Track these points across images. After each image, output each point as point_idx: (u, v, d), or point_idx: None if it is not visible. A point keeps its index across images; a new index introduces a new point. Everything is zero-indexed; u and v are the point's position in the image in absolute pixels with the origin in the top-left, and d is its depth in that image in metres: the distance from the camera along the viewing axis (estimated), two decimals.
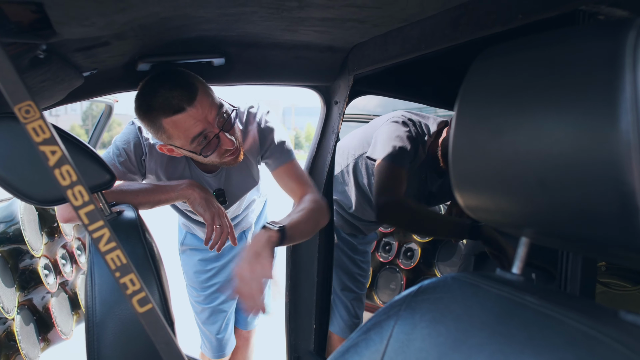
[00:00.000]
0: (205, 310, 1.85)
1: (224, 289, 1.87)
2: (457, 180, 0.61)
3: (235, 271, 1.07)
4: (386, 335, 0.67)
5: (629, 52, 0.40)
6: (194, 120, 1.19)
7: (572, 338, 0.48)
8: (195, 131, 1.21)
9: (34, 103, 0.66)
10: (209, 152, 1.26)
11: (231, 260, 1.87)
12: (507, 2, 0.85)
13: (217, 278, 1.87)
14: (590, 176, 0.43)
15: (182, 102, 1.17)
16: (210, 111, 1.21)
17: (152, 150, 1.39)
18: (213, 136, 1.23)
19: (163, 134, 1.23)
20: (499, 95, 0.52)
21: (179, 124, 1.19)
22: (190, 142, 1.23)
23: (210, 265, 1.85)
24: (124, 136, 1.39)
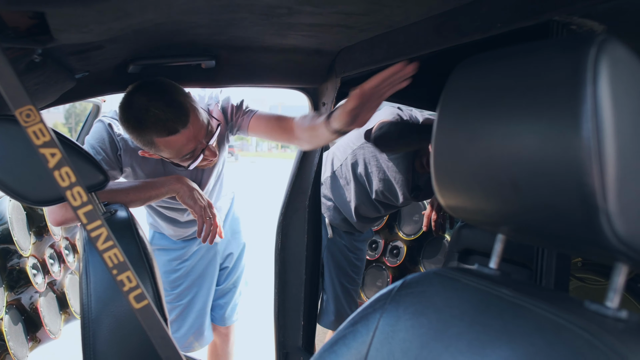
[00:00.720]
0: (176, 309, 1.87)
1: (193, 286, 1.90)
2: (437, 180, 0.65)
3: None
4: (372, 328, 0.71)
5: (590, 67, 0.45)
6: (186, 141, 1.25)
7: (541, 325, 0.52)
8: (188, 149, 1.27)
9: (34, 107, 0.69)
10: (194, 162, 1.32)
11: (201, 258, 1.90)
12: (487, 11, 0.89)
13: (187, 277, 1.89)
14: (556, 178, 0.48)
15: (177, 124, 1.22)
16: (200, 130, 1.27)
17: (126, 145, 1.41)
18: (200, 151, 1.29)
19: (152, 148, 1.27)
20: (475, 103, 0.57)
21: (172, 143, 1.24)
22: (179, 159, 1.29)
23: (180, 264, 1.87)
24: (97, 134, 1.40)
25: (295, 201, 1.69)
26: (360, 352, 0.70)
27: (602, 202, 0.45)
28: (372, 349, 0.70)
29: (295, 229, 1.70)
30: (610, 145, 0.44)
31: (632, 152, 0.45)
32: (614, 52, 0.46)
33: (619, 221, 0.45)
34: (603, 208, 0.45)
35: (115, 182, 1.38)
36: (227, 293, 2.04)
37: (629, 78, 0.46)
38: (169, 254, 1.87)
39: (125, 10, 0.71)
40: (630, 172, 0.45)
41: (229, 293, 2.05)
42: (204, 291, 1.93)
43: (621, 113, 0.45)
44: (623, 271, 0.52)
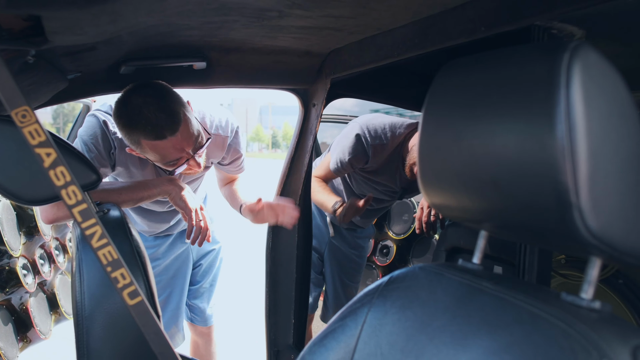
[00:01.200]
0: None
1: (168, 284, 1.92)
2: (423, 179, 0.68)
3: None
4: (360, 321, 0.73)
5: (563, 72, 0.48)
6: (172, 148, 1.26)
7: (520, 317, 0.55)
8: (172, 157, 1.29)
9: (30, 108, 0.71)
10: (177, 169, 1.34)
11: (175, 257, 1.91)
12: (472, 16, 0.92)
13: (161, 275, 1.89)
14: (533, 176, 0.51)
15: (165, 130, 1.23)
16: (188, 141, 1.28)
17: (122, 144, 1.41)
18: (185, 160, 1.31)
19: (138, 148, 1.29)
20: (458, 104, 0.59)
21: (158, 148, 1.26)
22: (163, 163, 1.32)
23: (154, 262, 1.87)
24: (89, 130, 1.41)
25: None
26: (348, 345, 0.73)
27: (575, 199, 0.47)
28: (360, 342, 0.72)
29: (286, 229, 1.72)
30: (582, 144, 0.47)
31: (603, 151, 0.48)
32: (587, 57, 0.49)
33: (591, 216, 0.48)
34: (576, 204, 0.47)
35: (108, 182, 1.39)
36: (205, 293, 2.04)
37: (600, 81, 0.49)
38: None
39: (119, 13, 0.73)
40: (601, 170, 0.48)
41: (206, 293, 2.05)
42: (177, 291, 1.93)
43: (593, 114, 0.48)
44: (597, 264, 0.55)
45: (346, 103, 3.38)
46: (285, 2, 0.88)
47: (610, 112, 0.49)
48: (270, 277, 1.80)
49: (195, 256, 1.99)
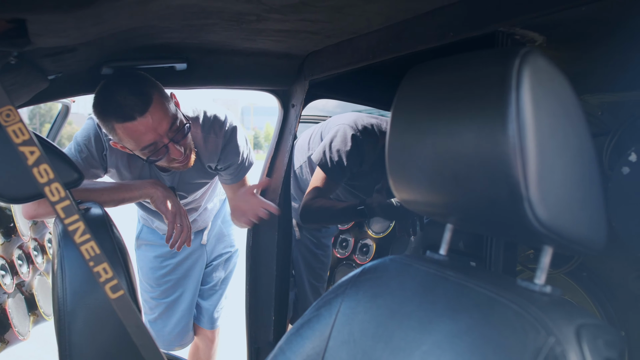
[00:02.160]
0: (160, 306, 1.89)
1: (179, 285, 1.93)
2: (392, 175, 0.72)
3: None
4: (334, 311, 0.77)
5: (514, 76, 0.52)
6: (144, 129, 1.24)
7: (479, 301, 0.59)
8: (145, 140, 1.26)
9: (13, 107, 0.73)
10: (156, 159, 1.32)
11: (187, 257, 1.92)
12: (441, 22, 0.97)
13: (173, 274, 1.91)
14: (488, 171, 0.55)
15: (134, 111, 1.22)
16: (161, 123, 1.26)
17: (113, 147, 1.42)
18: (162, 146, 1.29)
19: (115, 136, 1.29)
20: (423, 105, 0.64)
21: (129, 131, 1.24)
22: (140, 150, 1.29)
23: (167, 261, 1.89)
24: (84, 132, 1.43)
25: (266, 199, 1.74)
26: (323, 333, 0.77)
27: (525, 192, 0.52)
28: (334, 330, 0.76)
29: (266, 227, 1.75)
30: (531, 142, 0.52)
31: (550, 148, 0.53)
32: (535, 62, 0.53)
33: (540, 208, 0.53)
34: (526, 196, 0.52)
35: (91, 182, 1.40)
36: (214, 295, 2.04)
37: (547, 85, 0.54)
38: (156, 250, 1.88)
39: (102, 16, 0.75)
40: (548, 165, 0.53)
41: (215, 295, 2.05)
42: (190, 292, 1.94)
43: (541, 115, 0.52)
44: (549, 252, 0.60)
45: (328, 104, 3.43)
46: (263, 6, 0.91)
47: (556, 112, 0.54)
48: (251, 276, 1.82)
49: (209, 257, 1.99)
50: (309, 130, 2.13)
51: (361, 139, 1.81)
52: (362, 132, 1.82)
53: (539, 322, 0.53)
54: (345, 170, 1.83)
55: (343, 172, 1.84)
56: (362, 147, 1.82)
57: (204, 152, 1.53)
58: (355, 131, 1.82)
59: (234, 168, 1.61)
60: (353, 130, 1.82)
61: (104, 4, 0.70)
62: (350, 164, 1.82)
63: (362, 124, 1.85)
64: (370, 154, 1.86)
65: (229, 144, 1.56)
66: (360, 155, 1.82)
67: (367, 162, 1.87)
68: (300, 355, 0.77)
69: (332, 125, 1.93)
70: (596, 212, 0.57)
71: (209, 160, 1.57)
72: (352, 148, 1.80)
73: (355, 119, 1.87)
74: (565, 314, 0.54)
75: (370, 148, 1.85)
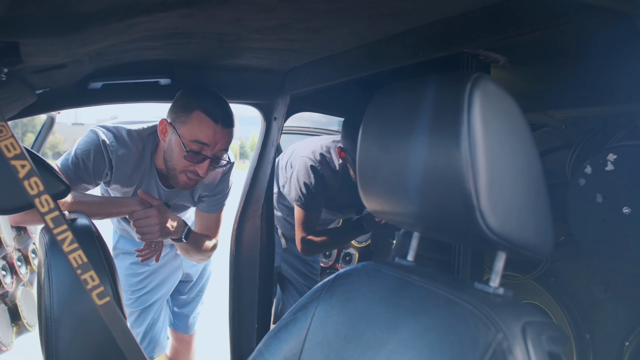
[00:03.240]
0: (133, 313, 1.91)
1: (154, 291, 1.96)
2: (362, 187, 0.78)
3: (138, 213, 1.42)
4: (310, 315, 0.82)
5: (465, 98, 0.58)
6: (212, 134, 1.35)
7: (438, 302, 0.65)
8: (202, 138, 1.36)
9: (6, 123, 0.77)
10: (189, 159, 1.38)
11: (163, 265, 1.95)
12: (413, 42, 1.04)
13: (148, 281, 1.94)
14: (445, 185, 0.61)
15: (221, 119, 1.36)
16: (222, 143, 1.39)
17: (119, 163, 1.45)
18: (204, 155, 1.38)
19: (184, 116, 1.37)
20: (387, 124, 0.70)
21: (202, 124, 1.35)
22: (191, 140, 1.36)
23: (142, 268, 1.92)
24: (85, 145, 1.43)
25: (249, 209, 1.78)
26: (299, 335, 0.82)
27: (477, 202, 0.58)
28: (309, 332, 0.81)
29: (249, 236, 1.79)
30: (482, 158, 0.58)
31: (499, 163, 0.59)
32: (485, 86, 0.60)
33: (490, 217, 0.59)
34: (477, 206, 0.58)
35: (80, 195, 1.42)
36: (191, 302, 2.10)
37: (496, 106, 0.60)
38: (132, 258, 1.90)
39: (90, 38, 0.80)
40: (497, 179, 0.59)
41: (193, 302, 2.11)
42: (163, 300, 1.98)
43: (490, 133, 0.58)
44: (502, 257, 0.66)
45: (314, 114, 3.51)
46: (244, 28, 0.97)
47: (504, 130, 0.60)
48: (234, 284, 1.86)
49: (185, 267, 2.03)
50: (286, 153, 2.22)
51: (319, 169, 1.97)
52: (320, 162, 1.98)
53: (489, 320, 0.59)
54: (318, 198, 2.00)
55: (318, 201, 2.01)
56: (322, 175, 1.98)
57: (202, 183, 1.61)
58: (314, 162, 1.98)
59: (216, 198, 1.69)
60: (312, 162, 1.98)
61: (92, 29, 0.75)
62: (319, 192, 1.98)
63: (319, 153, 2.00)
64: (331, 179, 2.00)
65: (223, 177, 1.66)
66: (322, 182, 1.98)
67: (332, 187, 2.01)
68: (278, 357, 0.82)
69: (296, 156, 2.07)
70: (543, 220, 0.63)
71: (202, 190, 1.65)
72: (315, 178, 1.96)
73: (313, 149, 2.02)
74: (514, 312, 0.60)
75: (331, 174, 2.00)
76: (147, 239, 1.45)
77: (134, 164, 1.49)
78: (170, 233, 1.47)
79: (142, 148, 1.49)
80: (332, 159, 2.00)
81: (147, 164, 1.52)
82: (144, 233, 1.43)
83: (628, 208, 1.05)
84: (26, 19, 0.65)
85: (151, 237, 1.44)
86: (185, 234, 1.52)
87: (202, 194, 1.66)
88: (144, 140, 1.49)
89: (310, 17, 0.93)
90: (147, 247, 1.51)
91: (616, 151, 1.08)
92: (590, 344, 1.37)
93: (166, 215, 1.45)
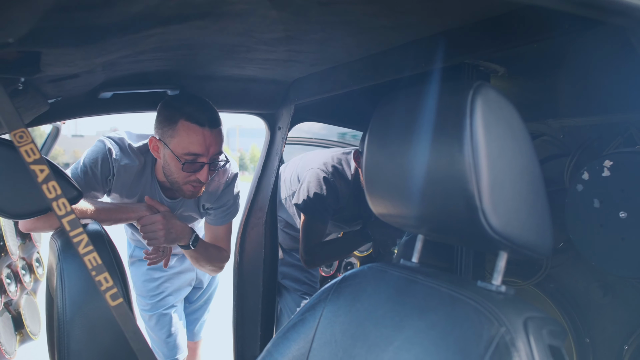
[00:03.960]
0: (152, 317, 1.95)
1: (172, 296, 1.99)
2: (369, 192, 0.81)
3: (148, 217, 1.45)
4: (318, 315, 0.85)
5: (468, 104, 0.62)
6: (202, 139, 1.36)
7: (443, 300, 0.68)
8: (195, 149, 1.36)
9: (26, 130, 0.80)
10: (188, 170, 1.40)
11: (179, 272, 1.99)
12: (415, 54, 1.08)
13: (165, 286, 1.97)
14: (448, 187, 0.64)
15: (207, 121, 1.36)
16: (215, 145, 1.39)
17: (120, 172, 1.49)
18: (200, 163, 1.39)
19: (170, 129, 1.37)
20: (392, 130, 0.73)
21: (190, 133, 1.35)
22: (183, 153, 1.37)
23: (159, 273, 1.96)
24: (92, 154, 1.48)
25: (253, 217, 1.81)
26: (308, 335, 0.84)
27: (479, 203, 0.61)
28: (317, 332, 0.83)
29: (253, 244, 1.82)
30: (484, 161, 0.61)
31: (500, 166, 0.62)
32: (486, 93, 0.63)
33: (492, 217, 0.62)
34: (480, 207, 0.61)
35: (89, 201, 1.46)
36: (199, 309, 2.14)
37: (497, 112, 0.63)
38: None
39: (107, 49, 0.84)
40: (499, 180, 0.62)
41: (200, 309, 2.15)
42: (179, 306, 2.02)
43: (491, 137, 0.62)
44: (504, 257, 0.69)
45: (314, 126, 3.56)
46: (253, 39, 1.00)
47: (505, 135, 0.64)
48: (238, 291, 1.88)
49: (199, 273, 2.07)
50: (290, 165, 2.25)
51: (332, 180, 1.98)
52: (332, 173, 1.99)
53: (492, 315, 0.61)
54: (328, 210, 1.99)
55: (326, 212, 2.00)
56: (335, 186, 1.98)
57: (206, 192, 1.62)
58: (327, 173, 1.98)
59: (222, 210, 1.70)
60: (324, 173, 1.98)
61: (110, 39, 0.79)
62: (330, 203, 1.98)
63: (331, 164, 2.01)
64: (344, 190, 2.01)
65: (227, 188, 1.67)
66: (335, 193, 1.98)
67: (343, 198, 2.03)
68: (287, 357, 0.84)
69: (305, 167, 2.08)
70: (542, 221, 0.66)
71: (206, 200, 1.66)
72: (327, 189, 1.97)
73: (324, 161, 2.03)
74: (516, 308, 0.62)
75: (343, 185, 2.01)
76: (154, 244, 1.47)
77: (135, 176, 1.53)
78: (176, 239, 1.49)
79: (144, 161, 1.53)
80: (344, 170, 2.01)
81: (148, 177, 1.56)
82: (150, 238, 1.46)
83: (624, 212, 1.08)
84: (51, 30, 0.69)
85: (157, 243, 1.47)
86: (192, 241, 1.54)
87: (206, 204, 1.68)
88: (144, 155, 1.53)
89: (317, 29, 0.97)
90: (154, 252, 1.53)
91: (612, 158, 1.12)
92: (590, 348, 1.40)
93: (172, 221, 1.48)
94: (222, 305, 2.56)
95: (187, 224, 1.55)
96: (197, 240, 1.56)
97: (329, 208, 1.99)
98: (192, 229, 1.55)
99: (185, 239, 1.51)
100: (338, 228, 2.25)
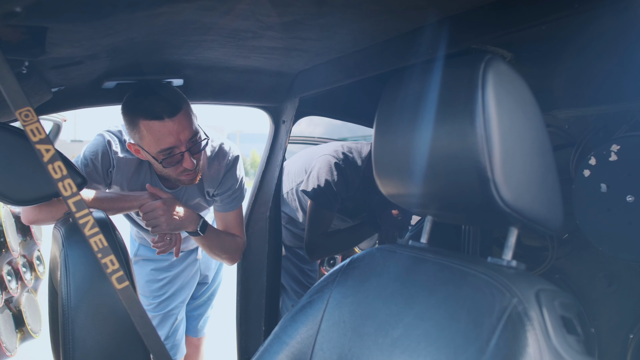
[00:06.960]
0: (155, 317, 1.94)
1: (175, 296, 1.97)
2: (378, 173, 0.80)
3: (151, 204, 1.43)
4: (326, 297, 0.84)
5: (480, 76, 0.62)
6: (168, 132, 1.32)
7: (453, 275, 0.67)
8: (166, 143, 1.34)
9: (32, 109, 0.80)
10: (169, 165, 1.39)
11: (183, 270, 1.98)
12: (420, 40, 1.07)
13: (169, 287, 1.96)
14: (460, 160, 0.64)
15: (164, 112, 1.31)
16: (184, 130, 1.34)
17: (120, 164, 1.50)
18: (178, 153, 1.36)
19: (136, 134, 1.36)
20: (402, 107, 0.73)
21: (154, 130, 1.32)
22: (157, 151, 1.35)
23: (163, 274, 1.95)
24: (92, 147, 1.50)
25: (257, 212, 1.81)
26: (316, 317, 0.83)
27: (491, 174, 0.61)
28: (326, 314, 0.83)
29: (257, 239, 1.81)
30: (496, 132, 0.61)
31: (511, 138, 0.62)
32: (497, 66, 0.63)
33: (504, 189, 0.61)
34: (491, 178, 0.61)
35: (92, 191, 1.46)
36: (202, 305, 2.14)
37: (508, 85, 0.63)
38: (153, 264, 1.94)
39: (115, 28, 0.84)
40: (510, 152, 0.62)
41: (204, 305, 2.14)
42: (184, 304, 2.02)
43: (502, 110, 0.61)
44: (514, 232, 0.68)
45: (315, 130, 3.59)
46: (260, 24, 1.00)
47: (516, 108, 0.63)
48: (242, 286, 1.87)
49: (203, 269, 2.07)
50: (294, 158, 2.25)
51: (343, 166, 1.97)
52: (343, 160, 1.98)
53: (505, 287, 0.61)
54: (337, 197, 1.97)
55: (335, 200, 1.97)
56: (346, 173, 1.97)
57: (207, 177, 1.62)
58: (338, 160, 1.98)
59: (228, 195, 1.67)
60: (335, 159, 1.98)
61: (118, 16, 0.78)
62: (340, 190, 1.96)
63: (342, 152, 2.01)
64: (354, 178, 2.01)
65: (229, 172, 1.65)
66: (345, 181, 1.97)
67: (353, 186, 2.02)
68: (295, 339, 0.84)
69: (315, 156, 2.07)
70: (553, 195, 0.66)
71: (209, 185, 1.65)
72: (338, 175, 1.95)
73: (335, 149, 2.03)
74: (527, 281, 0.62)
75: (354, 172, 2.00)
76: (156, 231, 1.46)
77: (134, 169, 1.53)
78: (180, 225, 1.47)
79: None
80: (355, 159, 2.01)
81: (147, 170, 1.56)
82: (152, 225, 1.45)
83: (631, 196, 1.08)
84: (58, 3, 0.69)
85: (160, 229, 1.45)
86: (200, 226, 1.52)
87: (210, 190, 1.67)
88: None
89: (324, 13, 0.97)
90: (160, 240, 1.50)
91: (619, 142, 1.11)
92: (596, 338, 1.39)
93: (174, 206, 1.47)
94: (226, 301, 2.55)
95: (192, 210, 1.54)
96: (205, 226, 1.54)
97: (337, 196, 1.96)
98: (199, 215, 1.54)
99: (192, 225, 1.50)
100: (342, 222, 2.24)
